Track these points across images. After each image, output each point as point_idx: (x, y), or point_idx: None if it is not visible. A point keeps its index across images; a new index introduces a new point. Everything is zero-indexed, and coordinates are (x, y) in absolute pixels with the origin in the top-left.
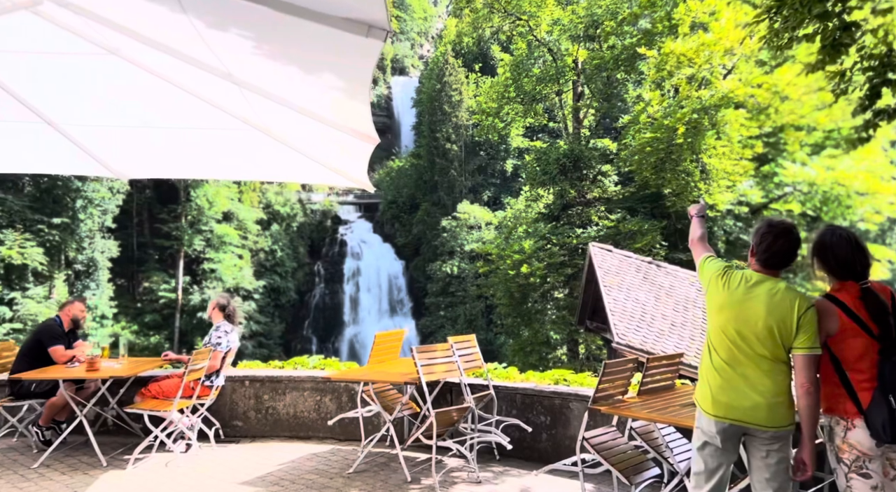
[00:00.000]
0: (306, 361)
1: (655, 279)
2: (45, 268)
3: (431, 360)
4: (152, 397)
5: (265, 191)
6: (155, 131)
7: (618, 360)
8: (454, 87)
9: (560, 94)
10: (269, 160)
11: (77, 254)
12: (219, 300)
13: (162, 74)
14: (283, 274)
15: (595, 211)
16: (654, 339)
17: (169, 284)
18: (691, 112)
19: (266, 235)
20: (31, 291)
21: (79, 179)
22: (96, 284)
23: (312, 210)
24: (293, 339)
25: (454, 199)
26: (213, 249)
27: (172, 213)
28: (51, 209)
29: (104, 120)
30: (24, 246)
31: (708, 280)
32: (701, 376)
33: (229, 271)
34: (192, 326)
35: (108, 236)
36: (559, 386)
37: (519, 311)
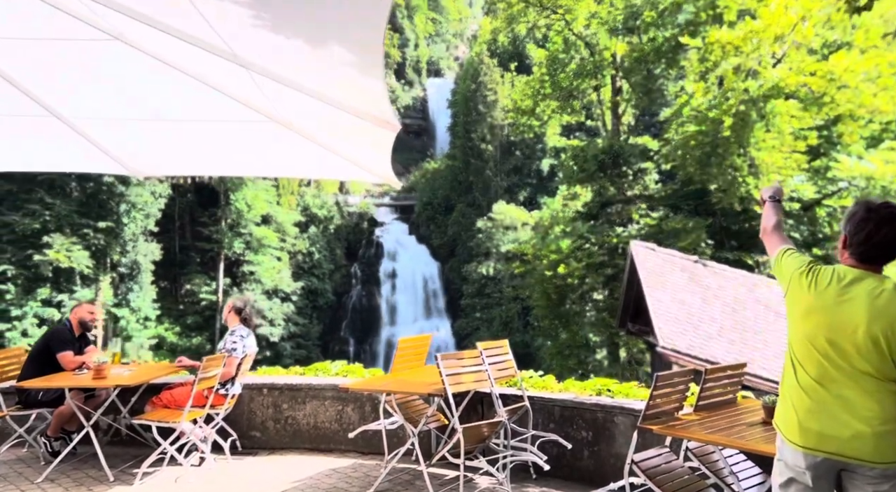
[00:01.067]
0: (328, 367)
1: (702, 280)
2: (91, 271)
3: (459, 369)
4: (163, 406)
5: (303, 194)
6: (167, 124)
7: (673, 371)
8: (489, 86)
9: (598, 89)
10: (287, 154)
11: (121, 257)
12: (234, 303)
13: (165, 59)
14: (321, 276)
15: (636, 209)
16: (701, 343)
17: (210, 287)
18: (738, 103)
19: (304, 237)
20: (78, 294)
21: (122, 184)
22: (139, 287)
23: (349, 212)
24: (331, 340)
25: (489, 199)
26: (252, 251)
27: (213, 216)
28: (96, 214)
29: (114, 112)
30: (70, 250)
31: (789, 278)
32: (783, 397)
33: (268, 273)
34: None
35: (151, 240)
36: (602, 398)
37: (556, 312)
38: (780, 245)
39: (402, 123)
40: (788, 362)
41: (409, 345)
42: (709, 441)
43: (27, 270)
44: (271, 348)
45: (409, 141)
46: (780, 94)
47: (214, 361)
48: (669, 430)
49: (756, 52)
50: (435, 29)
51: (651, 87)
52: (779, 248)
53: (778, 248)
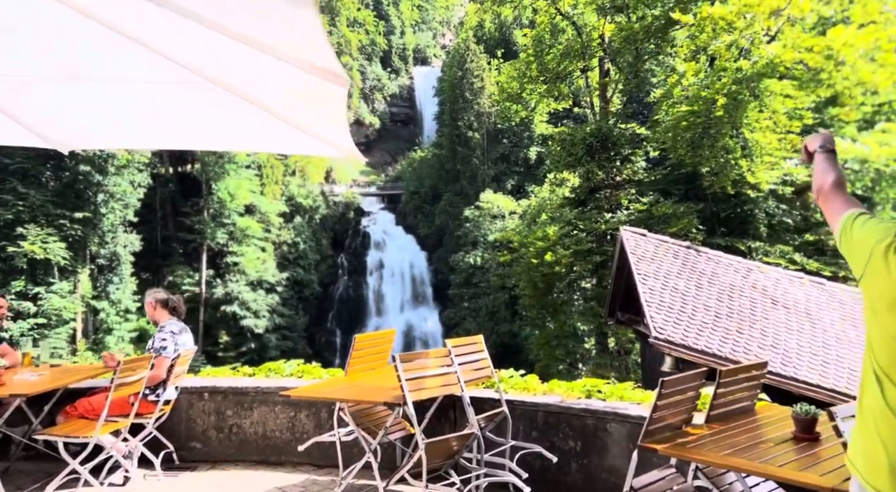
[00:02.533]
0: (282, 366)
1: (696, 266)
2: (69, 262)
3: (421, 371)
4: (80, 415)
5: (287, 184)
6: (88, 86)
7: (681, 375)
8: (476, 73)
9: (586, 72)
10: (233, 123)
11: (100, 248)
12: (156, 296)
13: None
14: (307, 267)
15: (625, 194)
16: (696, 333)
17: (193, 278)
18: (731, 82)
19: (289, 227)
20: (56, 286)
21: (99, 173)
22: (119, 279)
23: (335, 202)
24: (317, 332)
25: (477, 188)
26: (235, 242)
27: (195, 206)
28: (73, 204)
29: (23, 71)
30: (46, 241)
31: (868, 255)
32: (863, 423)
33: (252, 264)
34: (216, 320)
35: (131, 230)
36: (592, 401)
37: (543, 302)
38: (847, 208)
39: (389, 111)
40: (869, 374)
41: (367, 343)
42: (729, 466)
43: (0, 262)
44: (256, 340)
45: (395, 130)
46: (774, 72)
47: (135, 364)
48: (678, 450)
49: (750, 29)
50: (421, 16)
51: (640, 68)
52: (845, 212)
53: (844, 212)
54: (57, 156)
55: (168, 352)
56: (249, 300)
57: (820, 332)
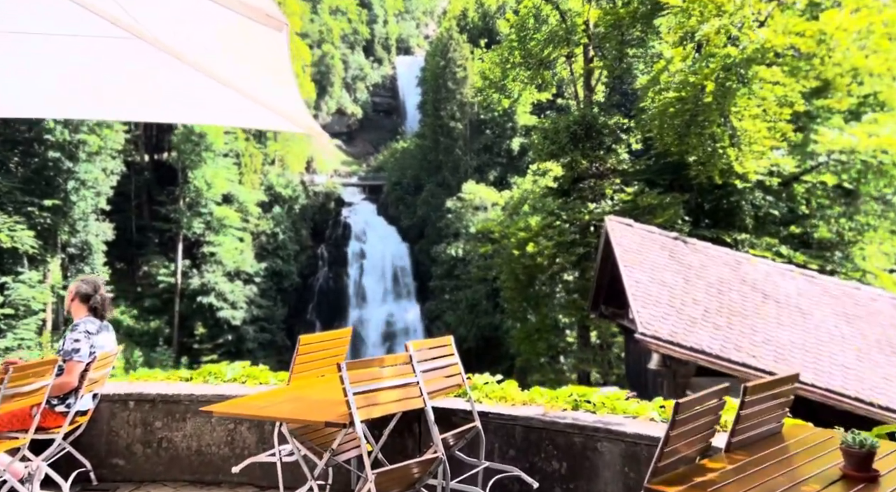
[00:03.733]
0: (222, 370)
1: (684, 258)
2: (38, 251)
3: (374, 383)
4: None
5: (266, 172)
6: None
7: (699, 395)
8: (459, 63)
9: (570, 59)
10: (166, 85)
11: (70, 237)
12: (79, 287)
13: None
14: (286, 257)
15: (609, 184)
16: (685, 329)
17: (168, 269)
18: (720, 68)
19: (268, 217)
20: (24, 276)
21: (70, 159)
22: (91, 268)
23: (315, 192)
24: (296, 323)
25: (459, 179)
26: (213, 231)
27: (171, 195)
28: (42, 191)
29: None
30: (13, 229)
31: None
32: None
33: (230, 254)
34: (192, 311)
35: (103, 219)
36: (580, 414)
37: (525, 294)
38: None
39: (372, 101)
40: None
41: (316, 345)
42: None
43: None
44: (233, 332)
45: (378, 120)
46: (763, 57)
47: (32, 370)
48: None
49: (740, 13)
50: (404, 6)
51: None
52: None
53: None
54: (26, 141)
55: (81, 355)
56: (226, 291)
57: (812, 327)
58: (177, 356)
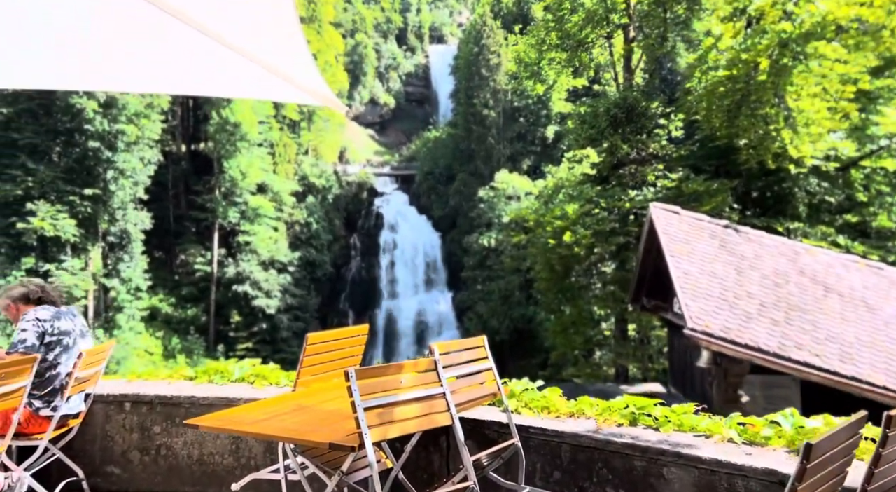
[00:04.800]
0: (229, 368)
1: (735, 248)
2: (79, 240)
3: (392, 395)
4: None
5: (300, 162)
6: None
7: (834, 432)
8: (492, 49)
9: (610, 39)
10: (174, 51)
11: (110, 226)
12: (9, 294)
13: None
14: (319, 247)
15: (652, 170)
16: (739, 324)
17: (205, 257)
18: (777, 43)
19: (301, 207)
20: (67, 264)
21: (109, 149)
22: (130, 257)
23: (348, 182)
24: (329, 312)
25: (492, 168)
26: (248, 221)
27: (207, 184)
28: (83, 180)
29: None
30: (56, 218)
31: None
32: None
33: (264, 244)
34: (227, 299)
35: (141, 208)
36: (640, 430)
37: (560, 285)
38: None
39: (405, 91)
40: None
41: (327, 345)
42: None
43: (11, 239)
44: (268, 321)
45: (410, 109)
46: (824, 31)
47: (4, 370)
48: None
49: None
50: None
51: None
52: None
53: None
54: (67, 131)
55: (28, 344)
56: (261, 280)
57: (881, 324)
58: (213, 344)
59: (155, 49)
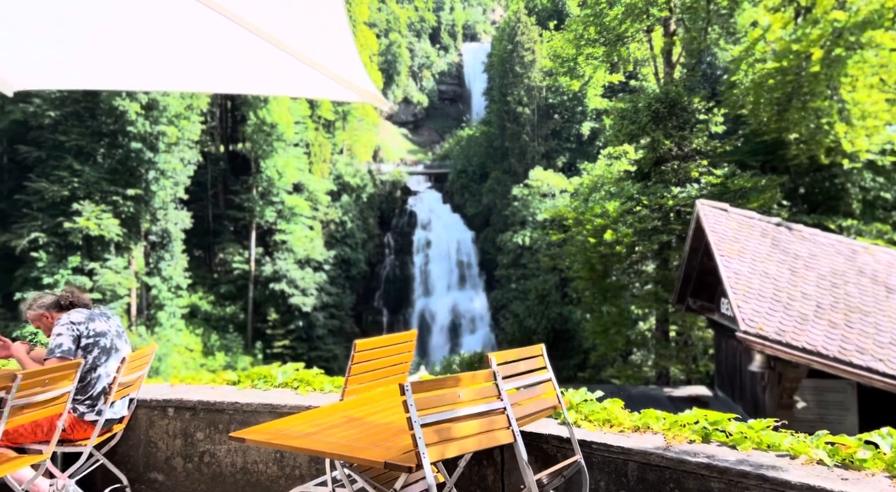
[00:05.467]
0: (273, 373)
1: (789, 247)
2: (122, 239)
3: (449, 410)
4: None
5: (335, 162)
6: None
7: None
8: (527, 46)
9: (650, 32)
10: (215, 47)
11: (151, 225)
12: (40, 303)
13: None
14: (354, 245)
15: (695, 166)
16: (794, 327)
17: (243, 256)
18: (830, 32)
19: (336, 206)
20: (111, 262)
21: (150, 150)
22: (170, 255)
23: (382, 181)
24: (364, 310)
25: (526, 165)
26: (284, 220)
27: (245, 184)
28: (125, 181)
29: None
30: (100, 217)
31: None
32: None
33: (300, 242)
34: (265, 297)
35: (182, 208)
36: (714, 448)
37: (601, 285)
38: None
39: (438, 89)
40: None
41: (376, 352)
42: None
43: (58, 238)
44: (304, 318)
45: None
46: (881, 20)
47: (44, 378)
48: None
49: None
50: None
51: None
52: None
53: None
54: (111, 133)
55: (64, 348)
56: (297, 278)
57: None
58: (251, 341)
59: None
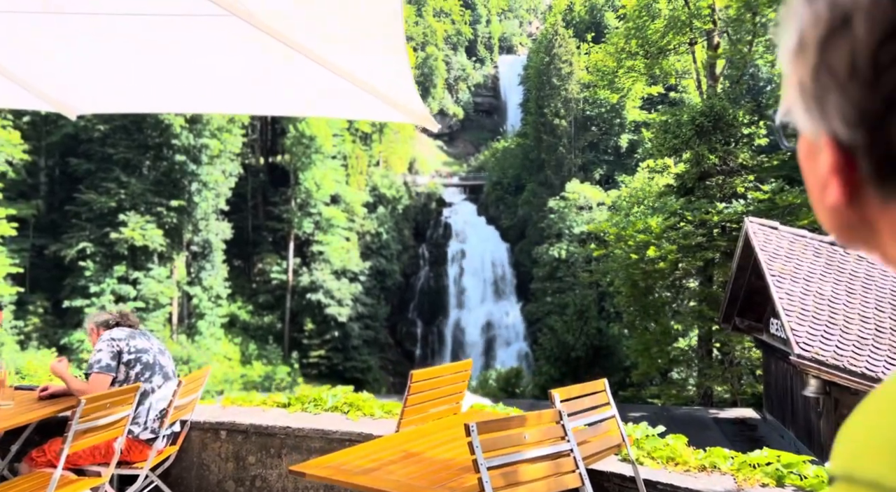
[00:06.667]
0: (322, 396)
1: (843, 266)
2: (166, 249)
3: (515, 452)
4: (48, 462)
5: (371, 174)
6: (82, 26)
7: None
8: (564, 58)
9: (692, 45)
10: (270, 74)
11: (193, 236)
12: (96, 318)
13: None
14: (389, 256)
15: (741, 181)
16: (853, 351)
17: (281, 266)
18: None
19: (372, 217)
20: (154, 272)
21: (193, 162)
22: (211, 265)
23: (417, 192)
24: (398, 321)
25: (562, 178)
26: (321, 231)
27: (283, 196)
28: (169, 192)
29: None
30: (144, 228)
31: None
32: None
33: (337, 253)
34: (301, 307)
35: (222, 219)
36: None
37: (643, 302)
38: None
39: (473, 101)
40: None
41: (432, 382)
42: None
43: (104, 248)
44: (340, 329)
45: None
46: None
47: (110, 400)
48: None
49: None
50: (508, 4)
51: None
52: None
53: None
54: (156, 146)
55: (103, 364)
56: (333, 289)
57: None
58: (288, 351)
59: (262, 74)
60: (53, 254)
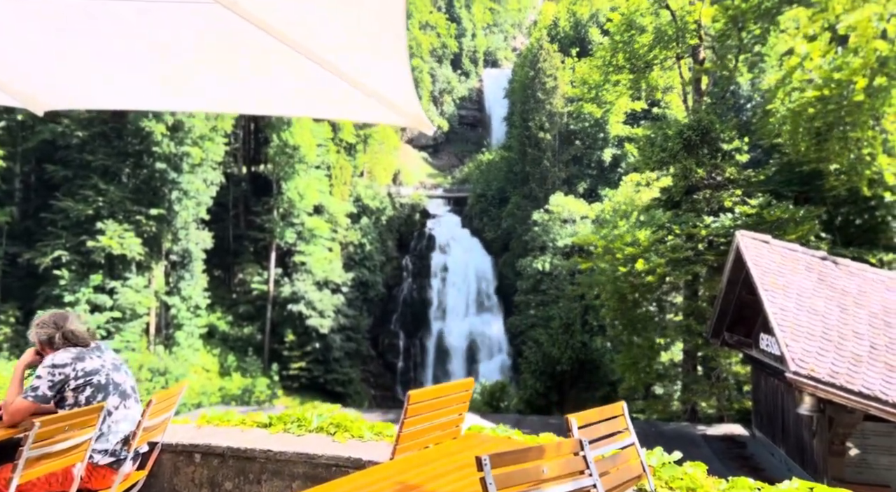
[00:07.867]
0: (307, 416)
1: (836, 282)
2: (144, 258)
3: (533, 489)
4: None
5: (355, 184)
6: (50, 14)
7: None
8: (549, 73)
9: (680, 59)
10: (257, 68)
11: (173, 245)
12: (38, 335)
13: None
14: (372, 268)
15: (729, 195)
16: (848, 369)
17: (262, 277)
18: (875, 61)
19: (356, 228)
20: (131, 281)
21: (174, 170)
22: (191, 275)
23: (401, 204)
24: (381, 333)
25: (546, 191)
26: (304, 241)
27: (266, 205)
28: (148, 201)
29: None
30: (122, 236)
31: None
32: None
33: (319, 264)
34: (282, 318)
35: (203, 228)
36: None
37: (630, 316)
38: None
39: (458, 114)
40: None
41: (431, 403)
42: None
43: (81, 256)
44: (321, 340)
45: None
46: None
47: (63, 424)
48: None
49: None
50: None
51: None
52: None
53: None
54: (136, 153)
55: (38, 393)
56: (315, 300)
57: None
58: (268, 362)
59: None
60: (27, 262)
